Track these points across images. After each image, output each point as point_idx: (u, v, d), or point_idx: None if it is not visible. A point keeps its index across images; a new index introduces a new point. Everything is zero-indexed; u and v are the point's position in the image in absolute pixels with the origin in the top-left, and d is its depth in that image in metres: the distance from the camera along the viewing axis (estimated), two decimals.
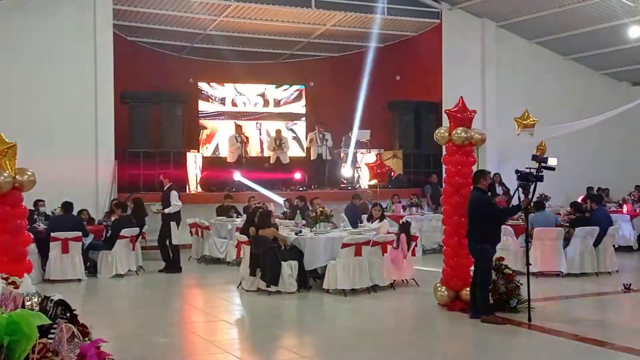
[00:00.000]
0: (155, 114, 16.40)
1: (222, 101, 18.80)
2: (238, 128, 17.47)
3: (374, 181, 17.33)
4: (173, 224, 12.45)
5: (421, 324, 8.62)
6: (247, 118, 18.83)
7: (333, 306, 9.57)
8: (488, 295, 8.34)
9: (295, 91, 19.52)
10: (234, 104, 18.85)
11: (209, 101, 18.67)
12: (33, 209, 12.14)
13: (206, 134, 18.58)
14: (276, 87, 19.37)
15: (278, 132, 18.02)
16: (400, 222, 10.89)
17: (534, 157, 8.49)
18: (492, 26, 18.53)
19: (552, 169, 8.33)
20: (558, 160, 8.59)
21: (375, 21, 17.69)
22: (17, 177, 6.92)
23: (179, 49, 18.86)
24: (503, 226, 9.79)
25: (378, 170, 17.39)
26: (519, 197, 8.29)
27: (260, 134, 18.85)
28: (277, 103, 19.44)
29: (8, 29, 14.46)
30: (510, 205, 9.01)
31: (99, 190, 14.91)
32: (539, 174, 8.17)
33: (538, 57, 19.31)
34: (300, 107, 19.57)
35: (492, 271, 8.48)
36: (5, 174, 6.82)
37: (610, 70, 20.14)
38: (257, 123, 18.93)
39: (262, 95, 19.15)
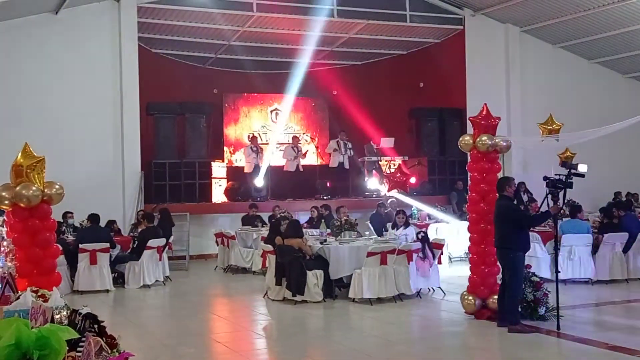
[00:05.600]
0: (181, 125, 16.53)
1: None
2: (253, 139, 17.53)
3: (394, 191, 17.11)
4: None
5: (448, 333, 8.55)
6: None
7: (359, 315, 9.53)
8: (518, 304, 8.25)
9: None
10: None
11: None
12: (62, 220, 12.29)
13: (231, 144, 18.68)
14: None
15: (295, 139, 18.03)
16: (419, 237, 10.77)
17: (564, 164, 8.40)
18: (516, 31, 18.40)
19: (581, 175, 8.22)
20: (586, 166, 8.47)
21: (398, 29, 17.68)
22: (45, 190, 7.00)
23: (202, 60, 19.00)
24: (530, 233, 9.69)
25: (398, 179, 17.22)
26: (548, 204, 8.21)
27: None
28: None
29: (35, 43, 14.68)
30: (539, 212, 8.87)
31: (125, 201, 15.04)
32: (569, 180, 8.09)
33: (563, 61, 19.12)
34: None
35: None
36: (34, 188, 6.90)
37: (636, 74, 19.87)
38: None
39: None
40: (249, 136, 17.96)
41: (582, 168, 8.21)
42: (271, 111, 19.11)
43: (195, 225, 15.35)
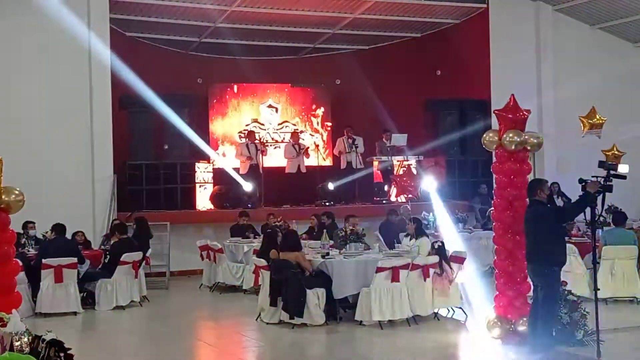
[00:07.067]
0: (159, 121, 16.53)
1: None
2: (250, 135, 17.56)
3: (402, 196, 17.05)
4: None
5: None
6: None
7: (367, 341, 9.56)
8: (552, 328, 8.26)
9: None
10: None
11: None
12: (22, 232, 12.31)
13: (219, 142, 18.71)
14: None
15: (295, 135, 18.05)
16: (435, 247, 10.78)
17: (602, 164, 8.41)
18: (548, 10, 18.43)
19: (623, 177, 8.25)
20: (630, 166, 8.49)
21: (411, 8, 17.69)
22: (2, 197, 7.02)
23: (185, 45, 19.02)
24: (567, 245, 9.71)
25: (406, 183, 17.18)
26: (585, 211, 8.23)
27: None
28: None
29: None
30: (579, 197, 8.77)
31: (95, 209, 15.05)
32: (608, 183, 8.10)
33: (603, 45, 19.12)
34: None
35: None
36: None
37: None
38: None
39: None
40: (244, 132, 17.99)
41: (623, 169, 8.23)
42: (266, 106, 19.11)
43: (176, 236, 15.36)
